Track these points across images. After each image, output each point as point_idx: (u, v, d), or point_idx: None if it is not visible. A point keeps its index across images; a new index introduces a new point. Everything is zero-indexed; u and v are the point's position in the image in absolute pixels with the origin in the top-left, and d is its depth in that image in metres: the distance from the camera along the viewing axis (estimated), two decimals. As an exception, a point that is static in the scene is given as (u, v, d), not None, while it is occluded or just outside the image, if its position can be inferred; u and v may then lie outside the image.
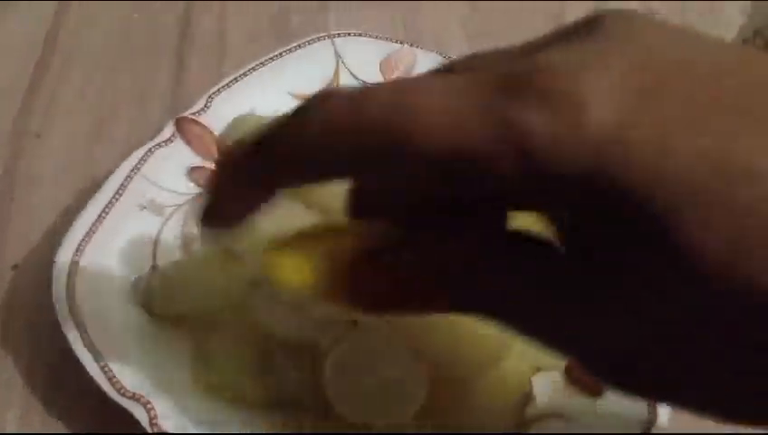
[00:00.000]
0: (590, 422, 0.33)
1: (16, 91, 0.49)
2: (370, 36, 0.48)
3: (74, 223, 0.35)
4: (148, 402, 0.30)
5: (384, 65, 0.47)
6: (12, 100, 0.48)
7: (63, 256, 0.34)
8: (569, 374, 0.35)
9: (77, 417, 0.34)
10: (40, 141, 0.46)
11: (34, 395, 0.34)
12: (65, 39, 0.53)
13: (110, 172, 0.39)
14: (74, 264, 0.34)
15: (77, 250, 0.34)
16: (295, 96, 0.45)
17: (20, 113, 0.48)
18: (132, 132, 0.47)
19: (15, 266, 0.39)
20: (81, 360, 0.31)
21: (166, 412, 0.30)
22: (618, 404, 0.33)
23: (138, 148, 0.40)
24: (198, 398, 0.32)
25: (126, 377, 0.31)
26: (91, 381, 0.31)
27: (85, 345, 0.31)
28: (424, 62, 0.47)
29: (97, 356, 0.31)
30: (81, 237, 0.35)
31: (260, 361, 0.33)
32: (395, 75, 0.47)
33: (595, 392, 0.34)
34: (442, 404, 0.32)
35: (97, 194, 0.37)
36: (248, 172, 0.23)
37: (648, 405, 0.32)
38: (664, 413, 0.32)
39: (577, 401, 0.34)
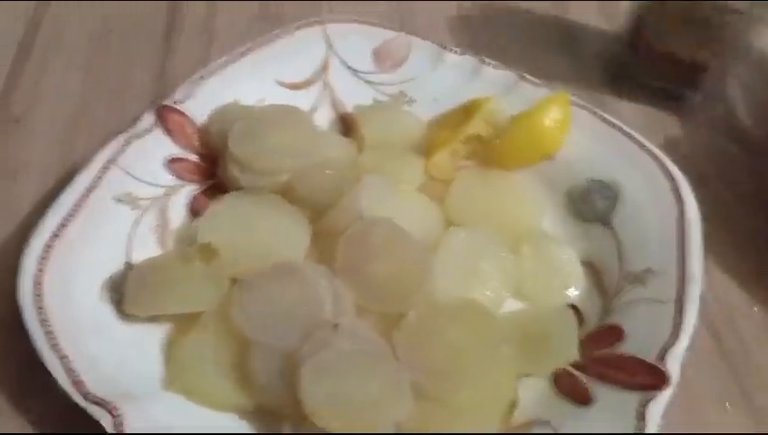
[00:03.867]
0: (576, 430, 0.32)
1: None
2: (364, 23, 0.46)
3: (44, 217, 0.34)
4: (115, 408, 0.29)
5: (377, 54, 0.45)
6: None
7: (31, 252, 0.33)
8: (556, 382, 0.34)
9: (47, 419, 0.32)
10: (19, 126, 0.45)
11: (4, 397, 0.33)
12: (48, 22, 0.51)
13: (84, 162, 0.37)
14: (43, 260, 0.33)
15: (46, 246, 0.33)
16: (282, 84, 0.43)
17: (1, 94, 0.46)
18: (114, 119, 0.45)
19: (-12, 259, 0.38)
20: (45, 362, 0.30)
21: (133, 417, 0.29)
22: (605, 414, 0.32)
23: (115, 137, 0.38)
24: (170, 402, 0.31)
25: (93, 380, 0.29)
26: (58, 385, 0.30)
27: (51, 347, 0.30)
28: (418, 51, 0.45)
29: (63, 358, 0.30)
30: (50, 233, 0.33)
31: (236, 364, 0.31)
32: (388, 64, 0.45)
33: (583, 401, 0.33)
34: (425, 413, 0.31)
35: (69, 186, 0.35)
36: None
37: (636, 416, 0.31)
38: (652, 425, 0.31)
39: (564, 409, 0.33)
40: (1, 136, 0.44)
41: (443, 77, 0.45)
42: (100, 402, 0.29)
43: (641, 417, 0.31)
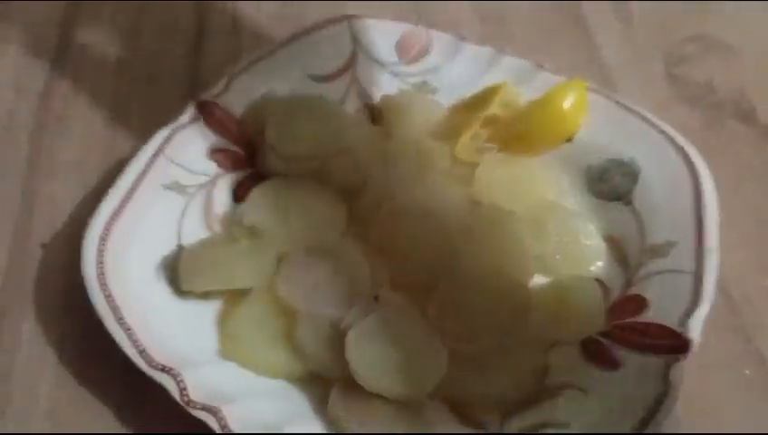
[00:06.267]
0: (605, 394, 0.34)
1: (38, 76, 0.50)
2: (385, 18, 0.48)
3: (101, 203, 0.36)
4: (179, 374, 0.31)
5: (400, 46, 0.47)
6: (34, 83, 0.49)
7: (92, 235, 0.35)
8: (584, 349, 0.36)
9: (107, 391, 0.35)
10: (62, 124, 0.47)
11: (66, 370, 0.35)
12: (83, 22, 0.54)
13: (133, 153, 0.40)
14: (102, 242, 0.35)
15: (105, 229, 0.35)
16: (313, 78, 0.46)
17: (42, 96, 0.48)
18: (151, 114, 0.48)
19: (44, 245, 0.40)
20: (112, 335, 0.32)
21: (195, 384, 0.31)
22: (632, 377, 0.34)
23: (159, 130, 0.41)
24: (225, 370, 0.33)
25: (156, 351, 0.32)
26: (120, 355, 0.32)
27: (116, 320, 0.32)
28: (439, 42, 0.47)
29: (128, 331, 0.32)
30: (108, 217, 0.36)
31: (285, 334, 0.34)
32: (410, 56, 0.47)
33: (611, 366, 0.35)
34: (461, 377, 0.33)
35: (122, 174, 0.38)
36: None
37: (662, 378, 0.33)
38: (676, 386, 0.33)
39: (593, 374, 0.35)
40: (46, 133, 0.46)
41: (463, 67, 0.47)
42: (164, 370, 0.31)
43: (666, 379, 0.33)
